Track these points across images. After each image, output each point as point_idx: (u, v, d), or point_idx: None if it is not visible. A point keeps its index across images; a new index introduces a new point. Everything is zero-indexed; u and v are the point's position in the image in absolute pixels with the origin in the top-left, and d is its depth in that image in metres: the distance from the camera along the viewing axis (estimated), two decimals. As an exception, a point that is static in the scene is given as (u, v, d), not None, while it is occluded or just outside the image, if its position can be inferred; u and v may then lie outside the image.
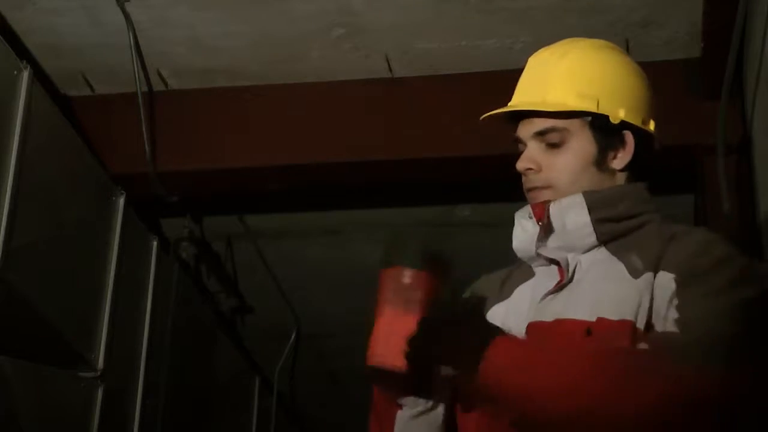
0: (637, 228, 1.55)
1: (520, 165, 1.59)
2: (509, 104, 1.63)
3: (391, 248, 1.50)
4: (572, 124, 1.58)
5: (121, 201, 3.17)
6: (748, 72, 2.73)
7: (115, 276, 3.08)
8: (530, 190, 1.59)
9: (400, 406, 1.54)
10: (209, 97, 3.26)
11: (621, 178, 1.60)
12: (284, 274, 4.54)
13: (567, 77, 1.61)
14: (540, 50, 1.68)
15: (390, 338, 1.43)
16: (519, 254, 1.60)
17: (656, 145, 1.65)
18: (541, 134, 1.58)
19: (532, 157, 1.59)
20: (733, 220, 2.75)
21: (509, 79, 1.69)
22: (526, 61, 1.70)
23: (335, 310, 4.74)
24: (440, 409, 1.55)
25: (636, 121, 1.60)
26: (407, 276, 1.45)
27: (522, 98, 1.63)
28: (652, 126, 1.63)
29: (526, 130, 1.61)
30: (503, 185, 1.66)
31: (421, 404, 1.53)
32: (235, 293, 4.55)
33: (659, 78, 3.00)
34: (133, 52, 2.97)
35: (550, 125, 1.58)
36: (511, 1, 2.79)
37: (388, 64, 3.12)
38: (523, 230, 1.58)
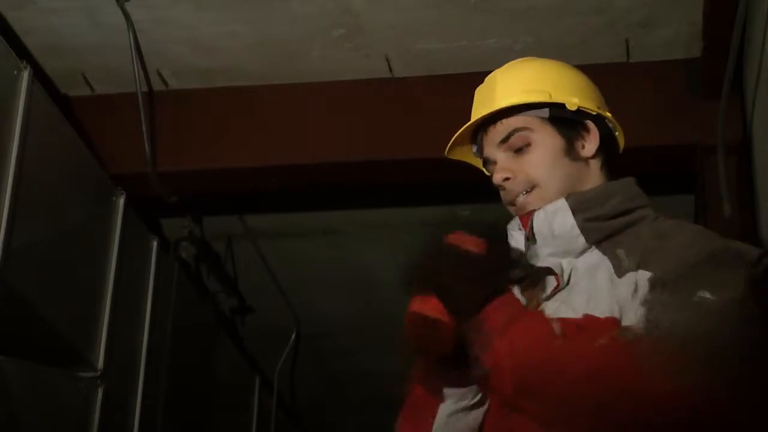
0: (631, 225, 1.54)
1: (497, 177, 1.60)
2: (464, 126, 1.65)
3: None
4: (531, 122, 1.60)
5: (121, 201, 3.17)
6: (748, 72, 2.73)
7: (115, 276, 3.07)
8: (513, 200, 1.60)
9: (443, 399, 1.51)
10: (209, 97, 3.25)
11: (595, 167, 1.62)
12: (284, 274, 4.54)
13: (512, 83, 1.64)
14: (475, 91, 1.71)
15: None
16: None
17: (618, 132, 1.67)
18: (504, 141, 1.60)
19: (504, 166, 1.60)
20: (733, 221, 2.75)
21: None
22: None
23: (335, 310, 4.74)
24: (484, 408, 1.52)
25: (591, 107, 1.62)
26: (469, 242, 1.42)
27: (475, 118, 1.65)
28: (608, 115, 1.65)
29: (489, 144, 1.63)
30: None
31: (467, 398, 1.50)
32: (235, 293, 4.55)
33: (659, 78, 3.05)
34: (133, 52, 2.97)
35: (510, 129, 1.60)
36: (511, 1, 2.80)
37: (388, 64, 3.12)
38: (516, 243, 1.58)
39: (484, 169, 1.71)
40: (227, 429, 4.41)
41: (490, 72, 1.72)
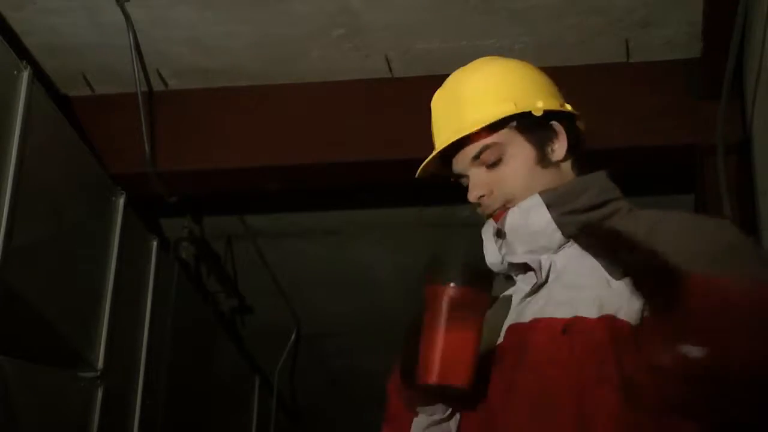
0: (607, 217, 1.54)
1: (472, 195, 1.59)
2: (434, 151, 1.63)
3: (433, 266, 1.45)
4: (501, 135, 1.58)
5: (121, 201, 3.17)
6: (748, 72, 2.73)
7: (115, 276, 3.07)
8: (491, 215, 1.59)
9: (416, 414, 1.53)
10: (209, 97, 3.25)
11: (567, 168, 1.61)
12: (284, 274, 4.54)
13: (475, 94, 1.61)
14: (434, 95, 1.68)
15: (451, 356, 1.40)
16: (494, 269, 1.59)
17: (581, 123, 1.65)
18: (476, 158, 1.58)
19: (478, 183, 1.58)
20: (733, 220, 2.75)
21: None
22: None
23: (335, 310, 4.74)
24: (453, 421, 1.53)
25: (555, 106, 1.61)
26: (458, 293, 1.41)
27: (441, 138, 1.63)
28: (569, 107, 1.63)
29: (460, 162, 1.61)
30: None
31: (438, 413, 1.52)
32: (235, 293, 4.56)
33: (659, 78, 3.05)
34: (133, 52, 2.97)
35: (480, 146, 1.58)
36: (511, 1, 2.79)
37: (388, 64, 3.12)
38: (492, 245, 1.58)
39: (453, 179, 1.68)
40: (227, 429, 4.41)
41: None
